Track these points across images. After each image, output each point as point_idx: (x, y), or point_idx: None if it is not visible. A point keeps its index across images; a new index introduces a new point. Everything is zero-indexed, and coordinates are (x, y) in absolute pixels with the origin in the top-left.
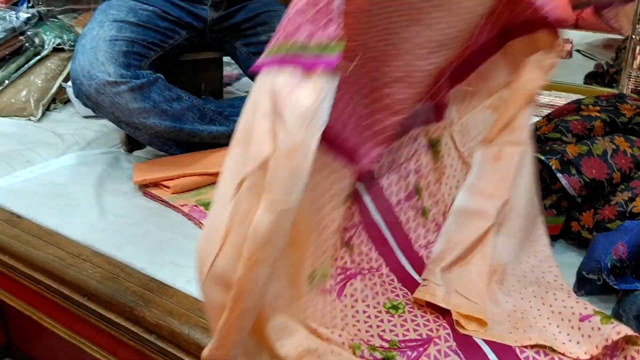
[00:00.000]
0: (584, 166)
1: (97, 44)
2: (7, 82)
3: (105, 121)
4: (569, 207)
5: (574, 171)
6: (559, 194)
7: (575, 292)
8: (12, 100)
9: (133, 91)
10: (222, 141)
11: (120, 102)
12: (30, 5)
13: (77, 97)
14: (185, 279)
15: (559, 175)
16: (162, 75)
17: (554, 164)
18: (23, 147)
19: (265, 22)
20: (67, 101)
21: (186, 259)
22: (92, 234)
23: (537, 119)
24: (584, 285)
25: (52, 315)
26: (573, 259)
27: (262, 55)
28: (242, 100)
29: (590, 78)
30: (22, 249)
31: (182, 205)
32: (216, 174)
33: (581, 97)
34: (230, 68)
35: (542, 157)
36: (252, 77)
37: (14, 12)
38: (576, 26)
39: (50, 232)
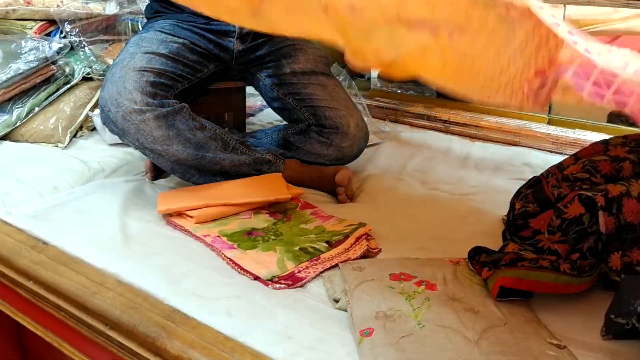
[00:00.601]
0: (625, 206)
1: (125, 74)
2: (37, 109)
3: (130, 149)
4: (598, 249)
5: (614, 210)
6: (594, 236)
7: (602, 335)
8: (41, 127)
9: (158, 119)
10: (242, 170)
11: (145, 129)
12: (62, 35)
13: (104, 123)
14: (207, 311)
15: (600, 212)
16: (187, 105)
17: (599, 200)
18: (50, 174)
19: (289, 54)
20: (93, 129)
21: (209, 290)
22: (116, 262)
23: (562, 157)
24: (612, 329)
25: (73, 343)
26: (601, 301)
27: None
28: (264, 132)
29: (614, 117)
30: (47, 275)
31: (205, 236)
32: (239, 205)
33: (606, 136)
34: (253, 99)
35: (589, 194)
36: (274, 108)
37: (47, 42)
38: None
39: (75, 260)
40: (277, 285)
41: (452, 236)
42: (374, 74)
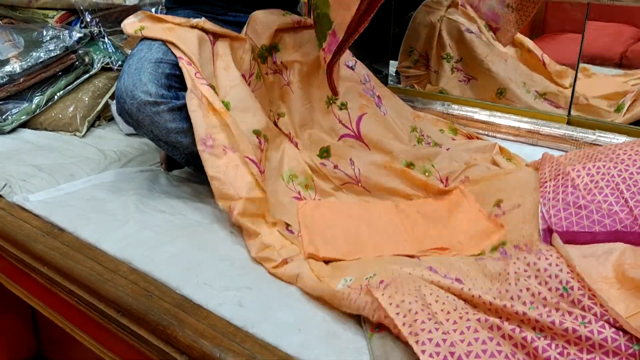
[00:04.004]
0: None
1: (142, 65)
2: (56, 97)
3: (146, 140)
4: None
5: None
6: None
7: None
8: (60, 116)
9: (172, 111)
10: None
11: (159, 121)
12: (83, 25)
13: (119, 114)
14: (218, 301)
15: None
16: None
17: None
18: (67, 162)
19: None
20: (110, 119)
21: (220, 280)
22: (129, 250)
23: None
24: None
25: (85, 329)
26: None
27: None
28: None
29: None
30: (61, 261)
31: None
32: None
33: (627, 137)
34: None
35: None
36: None
37: (67, 31)
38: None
39: (90, 246)
40: None
41: None
42: (391, 70)
